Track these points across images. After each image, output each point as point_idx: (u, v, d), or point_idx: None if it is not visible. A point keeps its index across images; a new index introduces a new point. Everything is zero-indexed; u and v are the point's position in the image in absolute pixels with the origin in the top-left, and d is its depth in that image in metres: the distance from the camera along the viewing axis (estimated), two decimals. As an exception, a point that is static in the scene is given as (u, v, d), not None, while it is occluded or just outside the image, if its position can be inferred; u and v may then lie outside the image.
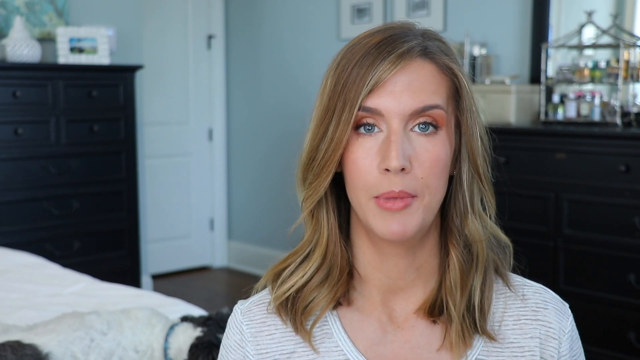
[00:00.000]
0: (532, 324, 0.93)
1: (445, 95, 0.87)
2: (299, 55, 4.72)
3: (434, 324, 0.92)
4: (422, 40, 0.87)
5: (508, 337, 0.92)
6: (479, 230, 0.91)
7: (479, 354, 0.90)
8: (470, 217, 0.91)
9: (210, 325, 1.83)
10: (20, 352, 1.67)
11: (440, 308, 0.91)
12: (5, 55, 3.74)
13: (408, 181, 0.84)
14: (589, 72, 3.23)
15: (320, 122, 0.88)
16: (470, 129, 0.90)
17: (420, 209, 0.85)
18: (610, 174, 2.82)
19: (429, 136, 0.85)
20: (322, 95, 0.89)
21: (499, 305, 0.94)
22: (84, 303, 2.36)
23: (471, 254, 0.91)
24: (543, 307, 0.94)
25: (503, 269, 0.96)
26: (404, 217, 0.84)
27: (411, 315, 0.93)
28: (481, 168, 0.91)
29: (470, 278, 0.91)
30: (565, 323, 0.94)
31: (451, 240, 0.91)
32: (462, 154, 0.90)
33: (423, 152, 0.84)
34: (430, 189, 0.85)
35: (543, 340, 0.92)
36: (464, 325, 0.89)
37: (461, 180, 0.91)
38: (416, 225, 0.85)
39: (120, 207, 4.06)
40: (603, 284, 2.88)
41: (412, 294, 0.93)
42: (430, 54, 0.87)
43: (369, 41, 0.86)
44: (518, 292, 0.95)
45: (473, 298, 0.90)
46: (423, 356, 0.91)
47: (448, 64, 0.88)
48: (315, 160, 0.89)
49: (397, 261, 0.91)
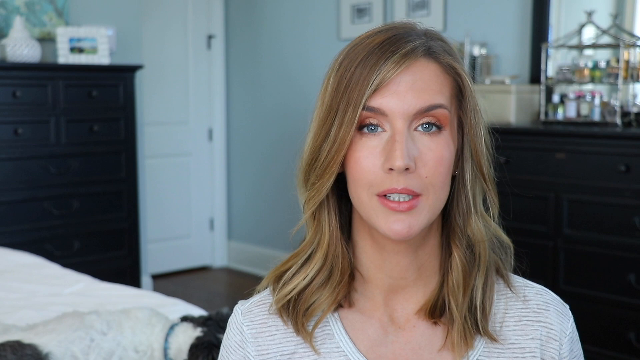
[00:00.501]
0: (533, 325, 0.93)
1: (448, 94, 0.87)
2: (298, 55, 4.72)
3: (436, 322, 0.92)
4: (425, 39, 0.87)
5: (509, 338, 0.92)
6: (482, 231, 0.91)
7: (480, 355, 0.90)
8: (473, 217, 0.91)
9: (210, 326, 1.84)
10: (20, 352, 1.67)
11: (442, 309, 0.91)
12: (5, 55, 3.74)
13: (412, 180, 0.83)
14: (589, 72, 3.23)
15: (323, 123, 0.87)
16: (474, 129, 0.90)
17: (425, 209, 0.85)
18: (610, 174, 2.82)
19: (432, 136, 0.85)
20: (323, 95, 0.88)
21: (500, 306, 0.94)
22: (84, 303, 2.36)
23: (473, 255, 0.91)
24: (544, 308, 0.94)
25: (504, 269, 0.96)
26: (409, 217, 0.84)
27: (412, 315, 0.93)
28: (485, 168, 0.91)
29: (472, 278, 0.91)
30: (566, 325, 0.94)
31: (454, 240, 0.91)
32: (465, 153, 0.90)
33: (427, 152, 0.84)
34: (434, 188, 0.85)
35: (544, 341, 0.92)
36: (466, 325, 0.89)
37: (464, 180, 0.90)
38: (421, 225, 0.86)
39: (120, 207, 4.06)
40: (603, 284, 2.88)
41: (413, 294, 0.93)
42: (434, 54, 0.87)
43: (372, 41, 0.86)
44: (519, 293, 0.95)
45: (475, 299, 0.90)
46: (424, 357, 0.91)
47: (451, 64, 0.88)
48: (318, 161, 0.88)
49: (398, 259, 0.91)
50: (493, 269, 0.94)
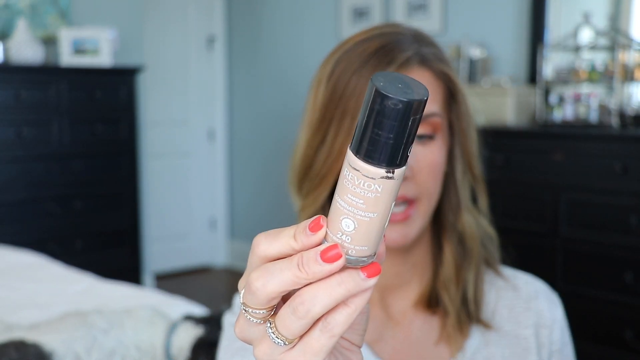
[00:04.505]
0: (525, 313, 0.95)
1: (441, 101, 0.88)
2: (299, 56, 4.73)
3: (432, 315, 0.93)
4: (417, 47, 0.88)
5: (503, 327, 0.94)
6: (472, 226, 0.93)
7: (478, 344, 0.92)
8: (463, 212, 0.92)
9: (212, 324, 1.84)
10: (24, 350, 1.68)
11: (437, 300, 0.93)
12: (9, 57, 3.75)
13: (407, 188, 0.85)
14: (586, 74, 3.24)
15: (316, 130, 0.87)
16: (465, 132, 0.91)
17: (419, 217, 0.87)
18: (607, 174, 2.84)
19: (426, 142, 0.86)
20: (314, 101, 0.88)
21: (491, 296, 0.95)
22: (86, 302, 2.37)
23: (464, 249, 0.93)
24: (534, 296, 0.96)
25: (493, 261, 0.98)
26: (405, 227, 0.86)
27: (408, 310, 0.94)
28: (475, 168, 0.93)
29: (463, 272, 0.92)
30: (556, 312, 0.96)
31: (445, 235, 0.93)
32: (456, 152, 0.92)
33: (421, 159, 0.86)
34: (428, 194, 0.87)
35: (537, 328, 0.94)
36: (461, 316, 0.91)
37: (454, 178, 0.92)
38: (416, 233, 0.87)
39: (122, 207, 4.08)
40: (600, 283, 2.90)
41: (408, 289, 0.95)
42: (427, 62, 0.88)
43: (366, 49, 0.86)
44: (509, 283, 0.97)
45: (467, 291, 0.92)
46: (423, 350, 0.92)
47: (444, 71, 0.89)
48: (313, 170, 0.89)
49: (392, 260, 0.92)
50: (483, 262, 0.95)
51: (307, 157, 0.89)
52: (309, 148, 0.89)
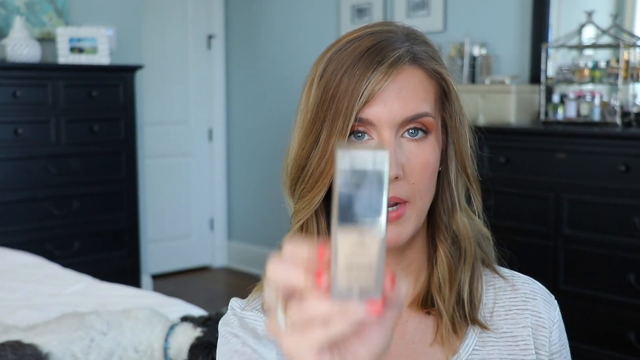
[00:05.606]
0: (523, 314, 0.94)
1: (433, 100, 0.87)
2: (298, 55, 4.72)
3: (427, 316, 0.92)
4: (409, 45, 0.87)
5: (501, 327, 0.93)
6: (467, 226, 0.92)
7: (475, 345, 0.91)
8: (457, 213, 0.92)
9: (210, 325, 1.84)
10: (21, 351, 1.67)
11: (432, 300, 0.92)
12: (5, 55, 3.74)
13: (400, 188, 0.84)
14: (589, 72, 3.23)
15: (309, 131, 0.87)
16: (458, 131, 0.90)
17: (412, 216, 0.86)
18: (610, 174, 2.83)
19: (419, 141, 0.86)
20: (306, 102, 0.88)
21: (489, 296, 0.95)
22: (84, 303, 2.37)
23: (459, 250, 0.92)
24: (532, 297, 0.95)
25: (490, 261, 0.97)
26: (397, 227, 0.85)
27: (403, 311, 0.93)
28: (469, 168, 0.92)
29: (458, 273, 0.91)
30: (553, 313, 0.96)
31: (439, 236, 0.92)
32: (449, 152, 0.91)
33: (414, 159, 0.85)
34: (421, 194, 0.86)
35: (534, 329, 0.94)
36: (455, 318, 0.90)
37: (448, 178, 0.91)
38: (410, 233, 0.86)
39: (120, 207, 4.06)
40: (603, 283, 2.88)
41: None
42: (419, 60, 0.87)
43: (357, 47, 0.85)
44: (507, 282, 0.96)
45: (462, 293, 0.91)
46: (418, 351, 0.91)
47: (437, 69, 0.88)
48: (306, 172, 0.88)
49: (387, 260, 0.91)
50: (479, 262, 0.95)
51: (300, 159, 0.88)
52: (302, 149, 0.88)
